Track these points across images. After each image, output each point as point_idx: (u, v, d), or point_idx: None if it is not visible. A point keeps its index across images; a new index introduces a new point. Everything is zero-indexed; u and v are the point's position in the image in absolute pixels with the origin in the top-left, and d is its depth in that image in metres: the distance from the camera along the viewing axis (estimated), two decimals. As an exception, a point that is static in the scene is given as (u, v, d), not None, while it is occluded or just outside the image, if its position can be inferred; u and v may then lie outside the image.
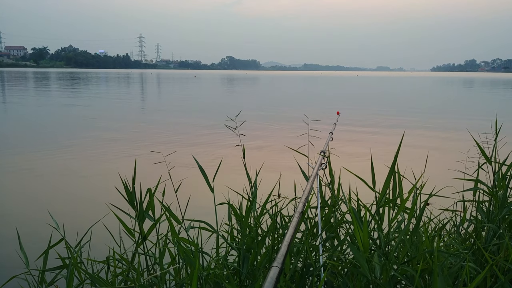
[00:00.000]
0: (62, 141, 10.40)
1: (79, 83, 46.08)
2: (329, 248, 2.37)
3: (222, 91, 37.98)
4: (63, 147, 9.54)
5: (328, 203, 2.43)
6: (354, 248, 1.75)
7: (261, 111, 18.08)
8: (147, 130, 12.40)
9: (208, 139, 10.83)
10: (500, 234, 2.16)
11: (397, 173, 2.12)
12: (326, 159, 2.43)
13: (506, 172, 2.36)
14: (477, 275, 1.88)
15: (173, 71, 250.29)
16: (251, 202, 2.26)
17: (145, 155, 8.32)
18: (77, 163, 7.98)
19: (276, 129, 12.75)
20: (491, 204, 2.35)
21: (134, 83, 50.34)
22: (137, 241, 2.19)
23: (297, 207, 1.26)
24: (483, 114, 17.23)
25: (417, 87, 48.74)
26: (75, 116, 16.08)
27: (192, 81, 59.82)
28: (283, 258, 0.92)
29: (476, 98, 30.24)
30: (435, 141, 10.87)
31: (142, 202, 2.17)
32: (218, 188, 2.43)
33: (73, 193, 6.16)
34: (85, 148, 9.44)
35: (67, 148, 9.36)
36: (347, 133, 11.78)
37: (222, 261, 2.12)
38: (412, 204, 2.09)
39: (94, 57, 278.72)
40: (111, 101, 23.99)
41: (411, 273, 1.77)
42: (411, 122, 14.90)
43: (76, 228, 2.64)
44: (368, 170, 2.29)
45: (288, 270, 1.95)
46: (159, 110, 19.64)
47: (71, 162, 8.05)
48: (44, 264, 2.09)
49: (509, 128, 4.32)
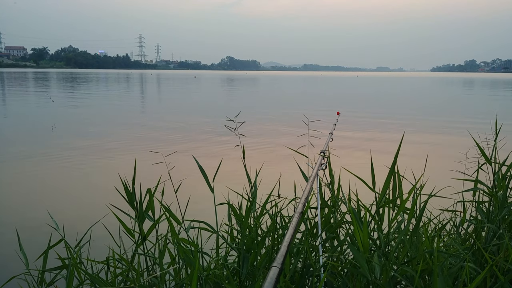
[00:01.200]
0: (62, 141, 10.40)
1: (80, 84, 46.09)
2: (329, 249, 2.37)
3: (222, 91, 38.00)
4: (62, 147, 9.54)
5: (328, 204, 2.42)
6: (354, 249, 1.75)
7: (261, 112, 18.08)
8: (147, 131, 12.41)
9: (208, 139, 10.83)
10: (500, 234, 2.16)
11: (397, 173, 2.12)
12: (326, 160, 2.43)
13: (506, 172, 2.36)
14: (477, 275, 1.88)
15: (173, 71, 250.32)
16: (251, 202, 2.26)
17: (145, 156, 8.32)
18: (77, 163, 7.98)
19: (276, 130, 12.75)
20: (491, 204, 2.35)
21: (133, 84, 50.35)
22: (137, 241, 2.19)
23: (297, 208, 1.26)
24: (483, 114, 17.23)
25: (417, 88, 48.75)
26: (75, 116, 16.09)
27: (192, 82, 59.85)
28: (283, 259, 0.92)
29: (476, 98, 30.25)
30: (435, 141, 10.87)
31: (142, 203, 2.17)
32: (218, 188, 2.43)
33: (73, 194, 6.16)
34: (84, 148, 9.44)
35: (66, 148, 9.36)
36: (348, 133, 11.79)
37: (222, 262, 2.12)
38: (412, 204, 2.09)
39: (94, 58, 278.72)
40: (111, 102, 24.00)
41: (411, 273, 1.77)
42: (411, 122, 14.90)
43: (76, 229, 2.64)
44: (368, 171, 2.29)
45: (288, 271, 1.95)
46: (158, 110, 19.65)
47: (71, 162, 8.05)
48: (44, 265, 2.09)
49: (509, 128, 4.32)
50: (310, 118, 3.17)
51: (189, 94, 32.11)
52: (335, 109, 2.98)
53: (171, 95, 32.07)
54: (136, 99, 26.55)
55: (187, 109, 20.05)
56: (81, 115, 16.28)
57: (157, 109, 20.20)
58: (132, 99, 26.27)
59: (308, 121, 2.85)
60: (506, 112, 19.16)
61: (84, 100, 24.38)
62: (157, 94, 33.29)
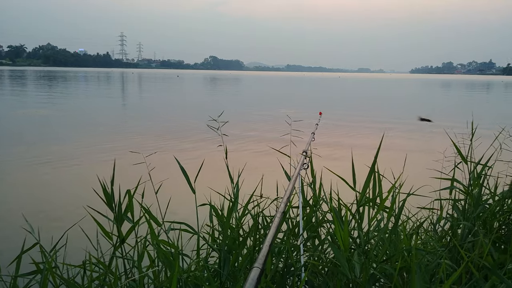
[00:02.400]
0: (37, 141, 10.17)
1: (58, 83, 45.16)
2: (310, 248, 2.39)
3: (206, 91, 37.81)
4: (38, 147, 9.33)
5: (310, 203, 2.44)
6: (335, 248, 1.76)
7: (244, 112, 18.08)
8: (127, 130, 12.24)
9: (190, 139, 10.76)
10: (475, 231, 2.21)
11: (377, 172, 2.15)
12: (308, 159, 2.44)
13: (481, 171, 2.42)
14: (453, 272, 1.92)
15: (155, 70, 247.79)
16: (233, 203, 2.25)
17: (124, 156, 8.21)
18: (53, 164, 7.82)
19: (259, 129, 12.77)
20: (467, 202, 2.40)
21: (114, 83, 49.63)
22: (115, 244, 2.15)
23: (279, 207, 1.26)
24: (459, 115, 17.61)
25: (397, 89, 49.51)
26: (50, 116, 15.75)
27: (175, 81, 59.36)
28: (264, 259, 0.92)
29: (453, 99, 30.92)
30: (414, 140, 11.07)
31: (120, 204, 2.13)
32: (200, 189, 2.41)
33: (49, 196, 6.03)
34: (61, 149, 9.25)
35: (43, 149, 9.16)
36: (329, 133, 11.89)
37: (203, 263, 2.10)
38: (391, 203, 2.12)
39: (73, 56, 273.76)
40: (90, 102, 23.59)
41: (390, 271, 1.80)
42: (391, 122, 15.12)
43: (51, 232, 2.57)
44: (349, 170, 2.31)
45: (269, 271, 1.95)
46: (139, 110, 19.41)
47: (46, 163, 7.87)
48: (17, 270, 2.03)
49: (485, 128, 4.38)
50: (293, 118, 3.18)
51: (171, 94, 31.84)
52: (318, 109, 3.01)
53: (153, 94, 31.75)
54: (116, 99, 26.17)
55: (169, 108, 19.88)
56: (57, 116, 15.95)
57: (138, 109, 19.96)
58: (112, 99, 25.89)
59: (290, 121, 2.86)
60: (482, 113, 19.63)
61: (61, 100, 23.90)
62: (139, 93, 32.89)
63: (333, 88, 49.68)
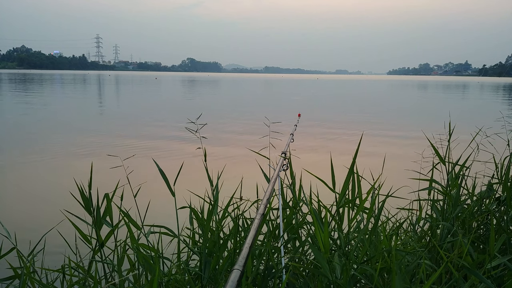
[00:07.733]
0: (13, 144, 9.89)
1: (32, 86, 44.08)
2: (291, 250, 2.39)
3: (184, 93, 37.54)
4: (14, 150, 9.07)
5: (290, 205, 2.44)
6: (315, 249, 1.76)
7: (223, 114, 18.01)
8: (104, 133, 12.03)
9: (168, 142, 10.65)
10: (454, 231, 2.25)
11: (356, 174, 2.17)
12: (287, 161, 2.44)
13: (459, 171, 2.47)
14: (433, 272, 1.95)
15: (132, 72, 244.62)
16: (213, 205, 2.23)
17: (102, 159, 8.06)
18: (30, 167, 7.61)
19: (237, 131, 12.74)
20: (445, 203, 2.44)
21: (90, 86, 48.78)
22: (94, 248, 2.11)
23: (259, 209, 1.25)
24: (437, 115, 18.02)
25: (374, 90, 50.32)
26: (29, 120, 15.36)
27: (153, 84, 58.72)
28: (245, 261, 0.91)
29: (430, 100, 31.60)
30: (392, 142, 11.24)
31: (99, 208, 2.09)
32: (179, 192, 2.38)
33: (25, 200, 5.86)
34: (38, 152, 9.02)
35: (19, 152, 8.91)
36: (308, 134, 11.96)
37: (183, 266, 2.08)
38: (371, 204, 2.14)
39: (48, 58, 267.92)
40: (67, 105, 23.11)
41: (370, 272, 1.81)
42: (370, 123, 15.33)
43: (29, 236, 2.50)
44: (328, 171, 2.32)
45: (250, 273, 1.94)
46: (116, 113, 19.11)
47: (23, 166, 7.66)
48: (-7, 275, 1.97)
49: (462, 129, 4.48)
50: (272, 120, 3.18)
51: (149, 97, 31.47)
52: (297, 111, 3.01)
53: (130, 97, 31.32)
54: (93, 102, 25.70)
55: (147, 111, 19.64)
56: (32, 119, 15.55)
57: (115, 112, 19.65)
58: (88, 103, 25.41)
59: (269, 123, 2.86)
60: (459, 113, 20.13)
61: (35, 103, 23.33)
62: (116, 96, 32.40)
63: (310, 89, 50.07)
